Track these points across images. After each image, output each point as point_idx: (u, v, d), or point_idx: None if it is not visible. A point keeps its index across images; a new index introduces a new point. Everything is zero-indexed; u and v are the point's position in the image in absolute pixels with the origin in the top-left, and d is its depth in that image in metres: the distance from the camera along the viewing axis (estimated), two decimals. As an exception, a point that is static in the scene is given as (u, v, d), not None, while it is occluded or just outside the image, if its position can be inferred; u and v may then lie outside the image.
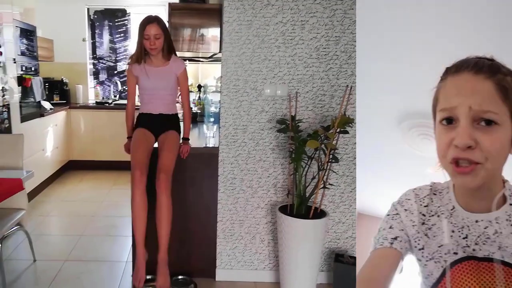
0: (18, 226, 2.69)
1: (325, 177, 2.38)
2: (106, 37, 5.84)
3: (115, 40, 5.86)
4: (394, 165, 2.36)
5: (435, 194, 0.91)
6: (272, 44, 2.54)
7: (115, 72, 5.94)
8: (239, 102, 2.57)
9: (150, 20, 2.33)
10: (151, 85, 2.44)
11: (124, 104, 5.99)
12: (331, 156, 2.34)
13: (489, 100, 0.76)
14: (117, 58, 5.91)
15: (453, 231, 0.86)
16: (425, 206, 0.91)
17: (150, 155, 2.36)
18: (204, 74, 5.21)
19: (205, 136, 3.03)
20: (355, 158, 2.60)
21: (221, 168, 2.62)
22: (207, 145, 2.80)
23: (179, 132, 2.52)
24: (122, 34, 5.86)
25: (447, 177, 0.85)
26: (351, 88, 2.43)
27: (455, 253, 0.85)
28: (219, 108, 2.67)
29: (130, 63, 2.46)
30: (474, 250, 0.84)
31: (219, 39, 3.42)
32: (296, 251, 2.36)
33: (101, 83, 5.91)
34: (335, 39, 2.54)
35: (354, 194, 2.64)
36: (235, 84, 2.56)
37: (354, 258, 2.51)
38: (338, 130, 2.31)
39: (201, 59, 4.78)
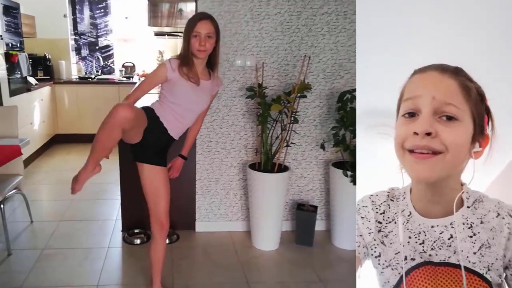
0: (16, 190, 2.96)
1: (287, 137, 2.73)
2: (86, 13, 5.97)
3: (95, 16, 6.00)
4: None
5: (392, 200, 0.90)
6: (241, 19, 2.81)
7: (97, 47, 6.10)
8: (212, 72, 2.86)
9: (203, 16, 1.87)
10: (195, 98, 1.91)
11: (107, 79, 6.17)
12: (292, 118, 2.68)
13: (452, 95, 0.77)
14: (98, 34, 6.06)
15: (409, 237, 0.85)
16: (381, 214, 0.90)
17: None
18: (183, 48, 5.44)
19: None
20: (315, 120, 2.95)
21: (199, 132, 2.93)
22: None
23: None
24: (102, 10, 5.99)
25: (405, 182, 0.85)
26: (309, 58, 2.74)
27: (412, 259, 0.84)
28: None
29: (171, 59, 1.90)
30: (430, 255, 0.83)
31: (194, 14, 3.64)
32: (263, 203, 2.72)
33: (83, 58, 6.07)
34: (297, 14, 2.83)
35: (315, 152, 3.01)
36: (209, 56, 2.84)
37: (314, 206, 2.89)
38: (298, 95, 2.64)
39: (179, 34, 4.99)
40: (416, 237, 0.84)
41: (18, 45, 4.34)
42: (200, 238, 2.97)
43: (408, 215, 0.86)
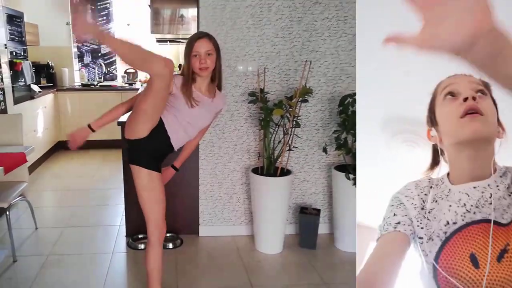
0: (21, 197, 2.98)
1: (289, 140, 2.76)
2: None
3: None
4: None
5: (431, 187, 0.99)
6: (243, 25, 2.85)
7: (99, 54, 6.15)
8: (214, 78, 2.90)
9: (201, 35, 1.88)
10: (197, 114, 1.90)
11: (109, 86, 6.21)
12: (294, 122, 2.70)
13: (479, 82, 0.97)
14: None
15: (450, 206, 0.93)
16: (425, 194, 0.98)
17: None
18: (185, 55, 5.48)
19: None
20: (316, 124, 2.98)
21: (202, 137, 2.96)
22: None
23: None
24: (104, 17, 6.05)
25: (442, 172, 0.98)
26: (310, 62, 2.77)
27: (455, 223, 0.91)
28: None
29: (176, 75, 1.89)
30: (474, 213, 0.90)
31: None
32: (266, 206, 2.74)
33: (86, 65, 6.13)
34: (298, 19, 2.87)
35: (317, 155, 3.03)
36: (211, 62, 2.87)
37: (317, 210, 2.91)
38: (299, 99, 2.66)
39: (181, 40, 5.03)
40: (457, 204, 0.92)
41: (22, 54, 4.39)
42: (204, 242, 2.99)
43: (448, 192, 0.96)
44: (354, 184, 2.63)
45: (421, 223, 0.94)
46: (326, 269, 2.63)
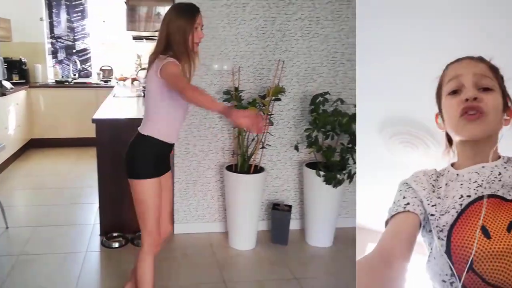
0: (-10, 195, 2.93)
1: (263, 139, 2.81)
2: (63, 16, 5.92)
3: (72, 19, 5.96)
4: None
5: (438, 176, 1.02)
6: (218, 24, 2.88)
7: (74, 51, 6.05)
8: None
9: (199, 9, 1.81)
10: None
11: (84, 83, 6.13)
12: (267, 120, 2.75)
13: (486, 72, 0.96)
14: (75, 37, 6.02)
15: (462, 184, 0.96)
16: (433, 180, 1.00)
17: None
18: (162, 52, 5.45)
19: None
20: (289, 122, 3.04)
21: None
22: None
23: None
24: (79, 14, 5.96)
25: (449, 162, 1.01)
26: (283, 62, 2.83)
27: (468, 196, 0.93)
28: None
29: (171, 60, 1.72)
30: (485, 188, 0.93)
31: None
32: (240, 203, 2.78)
33: (60, 62, 6.01)
34: (272, 20, 2.92)
35: (289, 153, 3.09)
36: (186, 60, 2.89)
37: (289, 206, 2.97)
38: (272, 98, 2.71)
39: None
40: (468, 182, 0.95)
41: (-7, 49, 4.28)
42: (178, 240, 3.00)
43: (456, 176, 0.99)
44: (325, 181, 2.71)
45: (431, 201, 0.96)
46: (297, 264, 2.70)
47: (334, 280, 2.59)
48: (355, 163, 2.79)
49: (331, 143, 2.79)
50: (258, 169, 2.83)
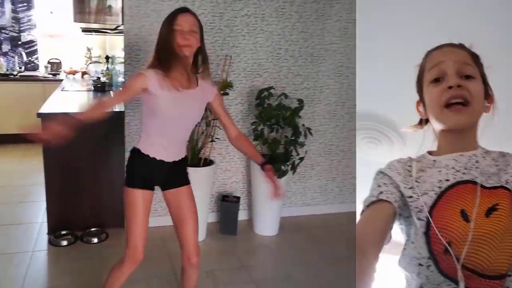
0: None
1: (212, 132, 2.87)
2: (8, 6, 5.64)
3: (17, 9, 5.69)
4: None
5: (413, 162, 1.01)
6: (166, 18, 2.88)
7: (19, 42, 5.79)
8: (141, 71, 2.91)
9: (183, 10, 1.65)
10: (177, 114, 1.64)
11: (31, 76, 5.87)
12: (215, 114, 2.81)
13: (467, 59, 0.97)
14: (20, 28, 5.76)
15: (440, 170, 0.96)
16: (409, 166, 1.00)
17: None
18: (112, 46, 5.34)
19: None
20: (237, 116, 3.12)
21: (127, 130, 2.96)
22: (114, 110, 3.08)
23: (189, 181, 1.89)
24: (25, 4, 5.70)
25: (426, 148, 1.01)
26: (231, 57, 2.89)
27: (447, 180, 0.94)
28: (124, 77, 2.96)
29: (147, 67, 1.65)
30: (464, 173, 0.94)
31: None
32: (190, 195, 2.83)
33: (4, 54, 5.74)
34: (220, 15, 2.97)
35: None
36: (137, 54, 2.88)
37: (237, 197, 3.07)
38: (221, 92, 2.77)
39: (108, 31, 4.90)
40: (445, 168, 0.96)
41: None
42: (125, 234, 2.99)
43: (433, 161, 0.99)
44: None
45: (408, 184, 0.96)
46: (245, 254, 2.80)
47: (279, 266, 2.71)
48: (298, 154, 2.91)
49: (276, 136, 2.90)
50: (208, 162, 2.89)
